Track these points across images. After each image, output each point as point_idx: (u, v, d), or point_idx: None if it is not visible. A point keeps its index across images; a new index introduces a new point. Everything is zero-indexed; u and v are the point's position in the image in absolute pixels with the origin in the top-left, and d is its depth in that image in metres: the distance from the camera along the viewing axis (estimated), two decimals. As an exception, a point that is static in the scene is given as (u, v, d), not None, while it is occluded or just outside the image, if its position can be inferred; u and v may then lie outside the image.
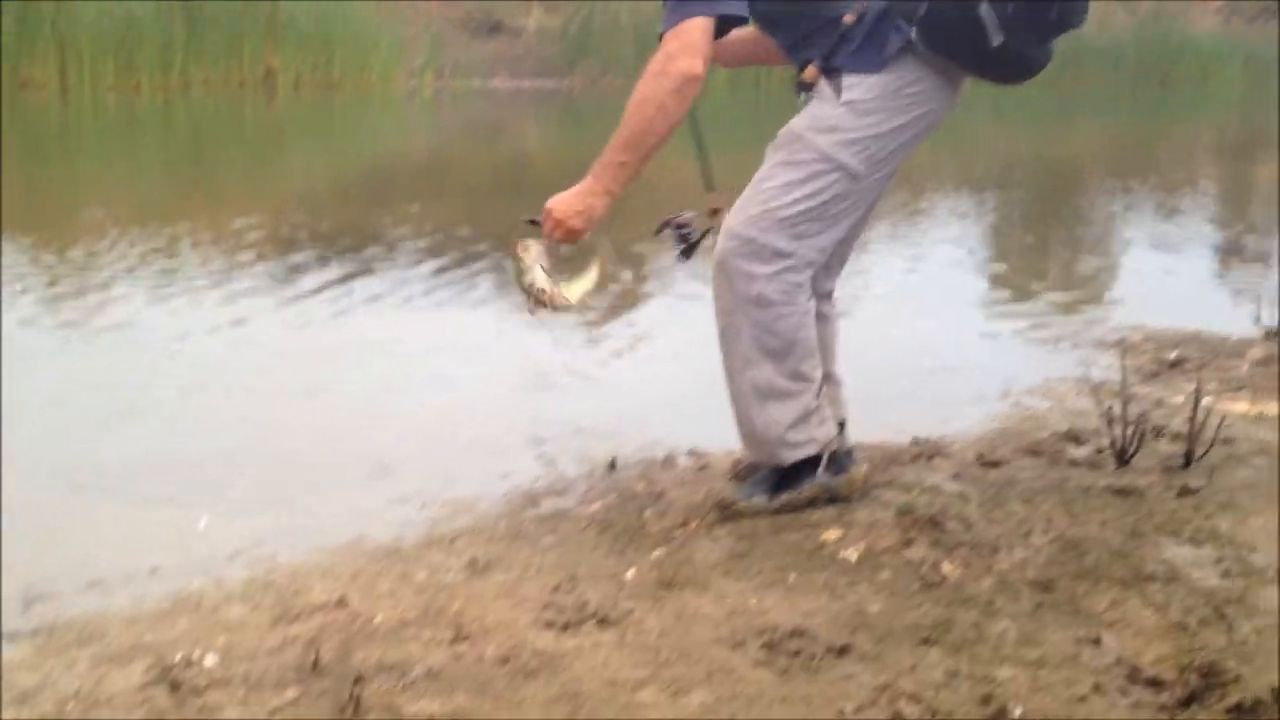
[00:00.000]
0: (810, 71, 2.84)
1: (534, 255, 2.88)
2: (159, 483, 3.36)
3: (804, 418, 2.94)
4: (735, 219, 2.85)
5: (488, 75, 21.90)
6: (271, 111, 16.65)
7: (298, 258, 6.55)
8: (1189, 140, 17.77)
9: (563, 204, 2.75)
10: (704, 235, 3.00)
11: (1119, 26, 28.18)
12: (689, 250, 3.01)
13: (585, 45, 21.90)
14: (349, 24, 19.11)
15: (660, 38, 2.69)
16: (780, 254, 2.82)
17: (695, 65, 2.64)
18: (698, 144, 3.10)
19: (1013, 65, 2.85)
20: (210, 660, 2.28)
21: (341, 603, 2.54)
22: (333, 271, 6.22)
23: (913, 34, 2.76)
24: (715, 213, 2.97)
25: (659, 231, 3.04)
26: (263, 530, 2.99)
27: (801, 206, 2.81)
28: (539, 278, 2.87)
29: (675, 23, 2.65)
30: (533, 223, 2.87)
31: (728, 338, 2.92)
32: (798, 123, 2.85)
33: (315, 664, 2.24)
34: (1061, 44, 2.93)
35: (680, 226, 3.00)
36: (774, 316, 2.85)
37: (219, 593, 2.65)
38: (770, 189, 2.82)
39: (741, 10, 2.73)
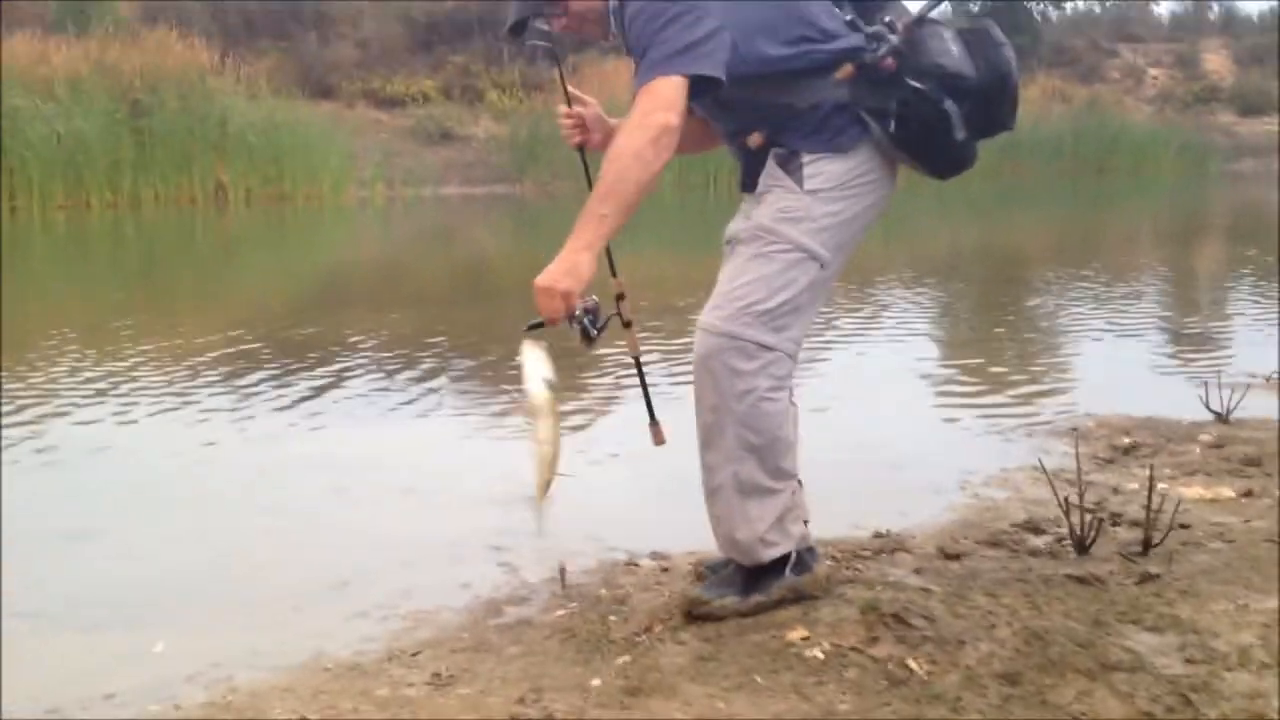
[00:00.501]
0: (756, 138, 2.88)
1: (536, 358, 2.82)
2: (116, 606, 3.31)
3: (782, 516, 2.95)
4: (714, 316, 2.83)
5: (439, 182, 22.12)
6: (223, 225, 16.70)
7: (254, 373, 6.53)
8: (1128, 227, 18.13)
9: (547, 275, 2.67)
10: (608, 321, 2.90)
11: (1056, 117, 28.92)
12: (593, 339, 2.90)
13: (534, 151, 22.19)
14: (298, 137, 19.31)
15: (636, 89, 2.68)
16: (765, 348, 2.82)
17: (670, 118, 2.63)
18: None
19: (960, 160, 2.93)
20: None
21: (303, 723, 2.49)
22: (289, 386, 6.20)
23: (876, 125, 2.82)
24: (620, 298, 2.95)
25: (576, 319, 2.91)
26: (220, 651, 2.94)
27: (781, 298, 2.82)
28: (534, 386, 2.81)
29: (650, 79, 2.65)
30: (533, 327, 2.78)
31: (712, 435, 2.90)
32: (763, 216, 2.86)
33: (278, 789, 2.19)
34: (1002, 136, 3.00)
35: (586, 313, 2.88)
36: (759, 413, 2.85)
37: (177, 717, 2.59)
38: (748, 284, 2.83)
39: (718, 73, 2.70)
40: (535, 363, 2.81)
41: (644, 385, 3.08)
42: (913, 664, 2.69)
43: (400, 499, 4.32)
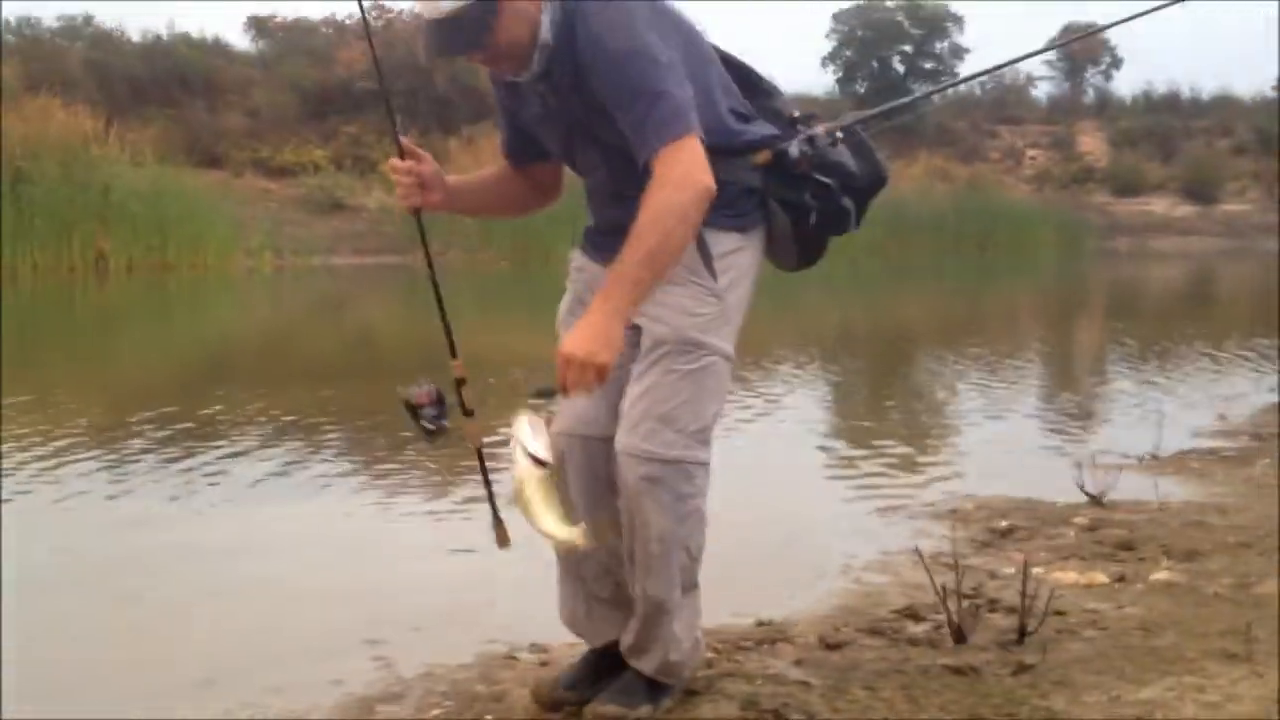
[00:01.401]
0: None
1: (529, 432, 2.53)
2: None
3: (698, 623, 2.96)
4: (653, 443, 2.66)
5: (329, 252, 21.92)
6: (103, 296, 16.34)
7: (126, 455, 6.34)
8: (1009, 305, 18.58)
9: (582, 343, 2.47)
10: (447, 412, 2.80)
11: (939, 195, 29.66)
12: (436, 434, 2.81)
13: (430, 219, 22.11)
14: (184, 205, 19.03)
15: (647, 163, 2.52)
16: (703, 464, 2.77)
17: (710, 180, 2.51)
18: (440, 306, 2.94)
19: (821, 255, 2.99)
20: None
21: (158, 837, 2.38)
22: (162, 469, 6.03)
23: (784, 215, 2.82)
24: (461, 382, 2.79)
25: (413, 411, 2.81)
26: (74, 758, 2.81)
27: (712, 411, 2.76)
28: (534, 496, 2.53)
29: (669, 139, 2.50)
30: (541, 395, 2.58)
31: (656, 564, 2.74)
32: (685, 324, 2.70)
33: None
34: (888, 212, 3.08)
35: (429, 404, 2.78)
36: (699, 527, 2.80)
37: (21, 833, 2.47)
38: (684, 404, 2.69)
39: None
40: (530, 434, 2.53)
41: (487, 482, 2.92)
42: (790, 762, 2.67)
43: (272, 589, 4.20)
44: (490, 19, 2.52)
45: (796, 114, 2.92)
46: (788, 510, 5.33)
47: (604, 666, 2.97)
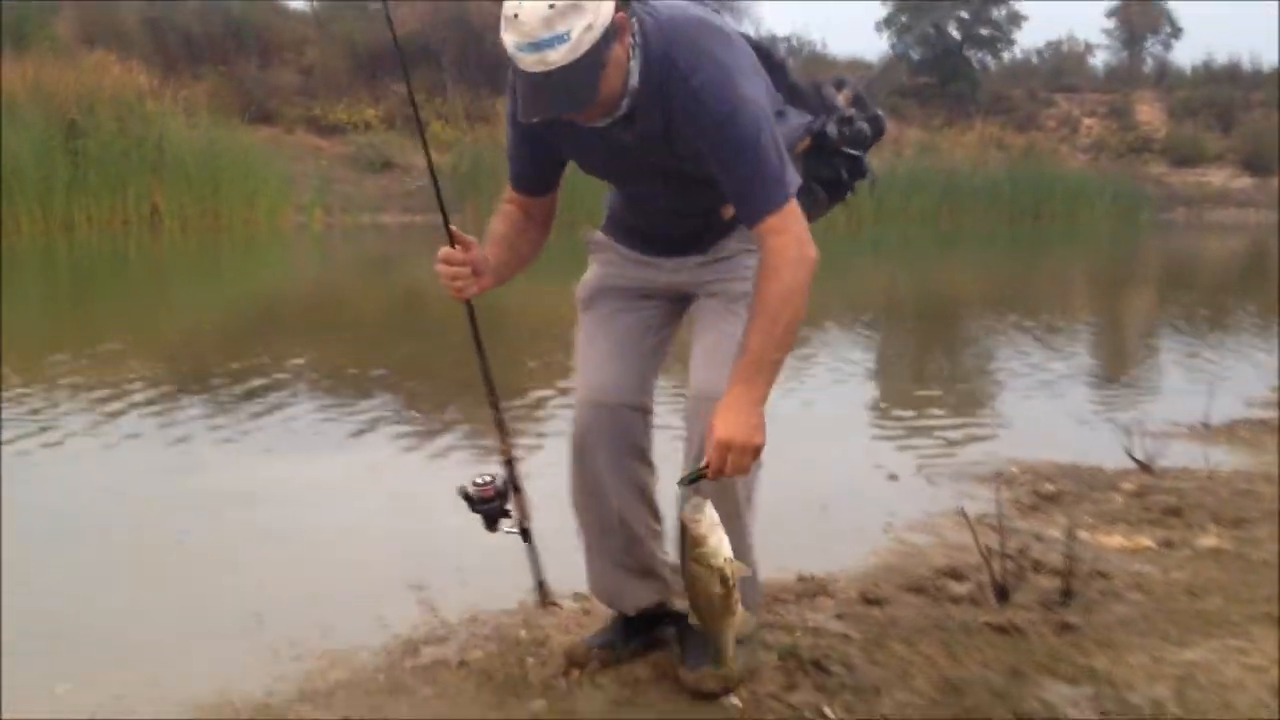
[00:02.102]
0: (729, 210, 2.76)
1: (711, 522, 2.44)
2: (18, 641, 3.21)
3: None
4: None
5: (378, 210, 22.00)
6: (157, 250, 16.48)
7: (182, 403, 6.42)
8: (1062, 274, 18.39)
9: (739, 429, 2.45)
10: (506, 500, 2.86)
11: (994, 164, 29.33)
12: (494, 524, 2.89)
13: (476, 181, 22.14)
14: (236, 161, 19.12)
15: (761, 218, 2.53)
16: None
17: (815, 250, 2.56)
18: (488, 382, 2.93)
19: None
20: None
21: (206, 765, 2.43)
22: (217, 417, 6.11)
23: (823, 191, 2.91)
24: (510, 463, 2.84)
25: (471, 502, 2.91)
26: (126, 686, 2.87)
27: None
28: (725, 550, 2.44)
29: (775, 207, 2.53)
30: (696, 478, 2.53)
31: (750, 505, 2.82)
32: (743, 283, 2.74)
33: (175, 834, 2.14)
34: (941, 179, 3.08)
35: (491, 499, 2.86)
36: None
37: (75, 757, 2.53)
38: None
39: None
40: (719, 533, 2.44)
41: (533, 555, 3.07)
42: (829, 712, 2.69)
43: (319, 533, 4.26)
44: (598, 72, 2.41)
45: (815, 83, 2.95)
46: (832, 468, 5.32)
47: (635, 628, 3.00)
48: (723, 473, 2.48)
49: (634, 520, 2.88)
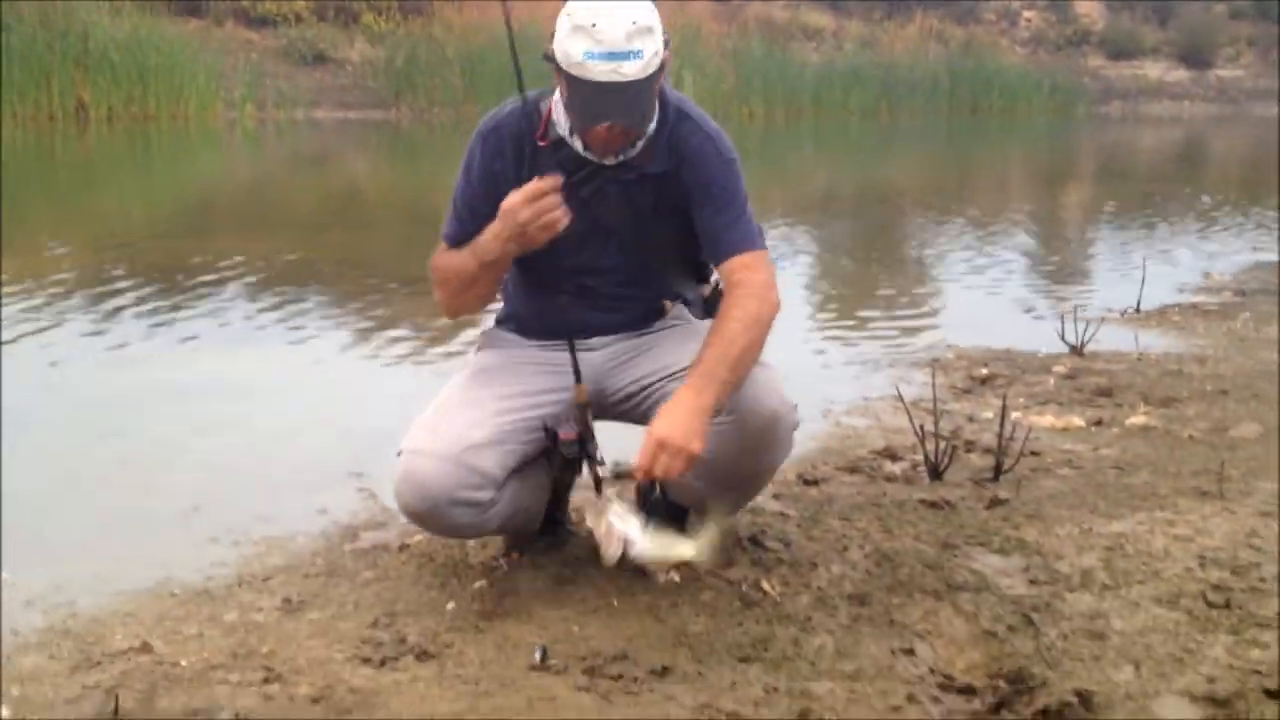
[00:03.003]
0: (668, 304, 2.87)
1: (621, 510, 2.54)
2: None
3: None
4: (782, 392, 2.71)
5: (311, 105, 21.56)
6: (84, 145, 16.10)
7: (111, 296, 6.31)
8: (999, 167, 18.46)
9: (680, 431, 2.44)
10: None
11: (933, 58, 29.23)
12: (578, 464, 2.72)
13: (410, 77, 21.76)
14: (164, 55, 18.61)
15: (740, 251, 2.63)
16: None
17: (779, 300, 2.65)
18: (570, 346, 2.74)
19: None
20: (4, 713, 2.16)
21: (144, 648, 2.43)
22: (148, 310, 6.02)
23: None
24: (585, 406, 2.71)
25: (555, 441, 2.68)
26: (62, 577, 2.85)
27: None
28: (634, 529, 2.51)
29: (759, 247, 2.67)
30: (620, 476, 2.61)
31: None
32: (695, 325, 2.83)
33: (115, 711, 2.15)
34: (880, 74, 3.03)
35: (574, 440, 2.67)
36: None
37: (12, 643, 2.51)
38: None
39: None
40: (626, 521, 2.52)
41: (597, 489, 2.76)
42: (766, 586, 2.73)
43: (258, 425, 4.23)
44: (653, 95, 2.54)
45: None
46: (770, 357, 5.33)
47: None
48: (651, 473, 2.48)
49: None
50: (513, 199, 2.52)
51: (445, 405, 2.71)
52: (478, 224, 2.63)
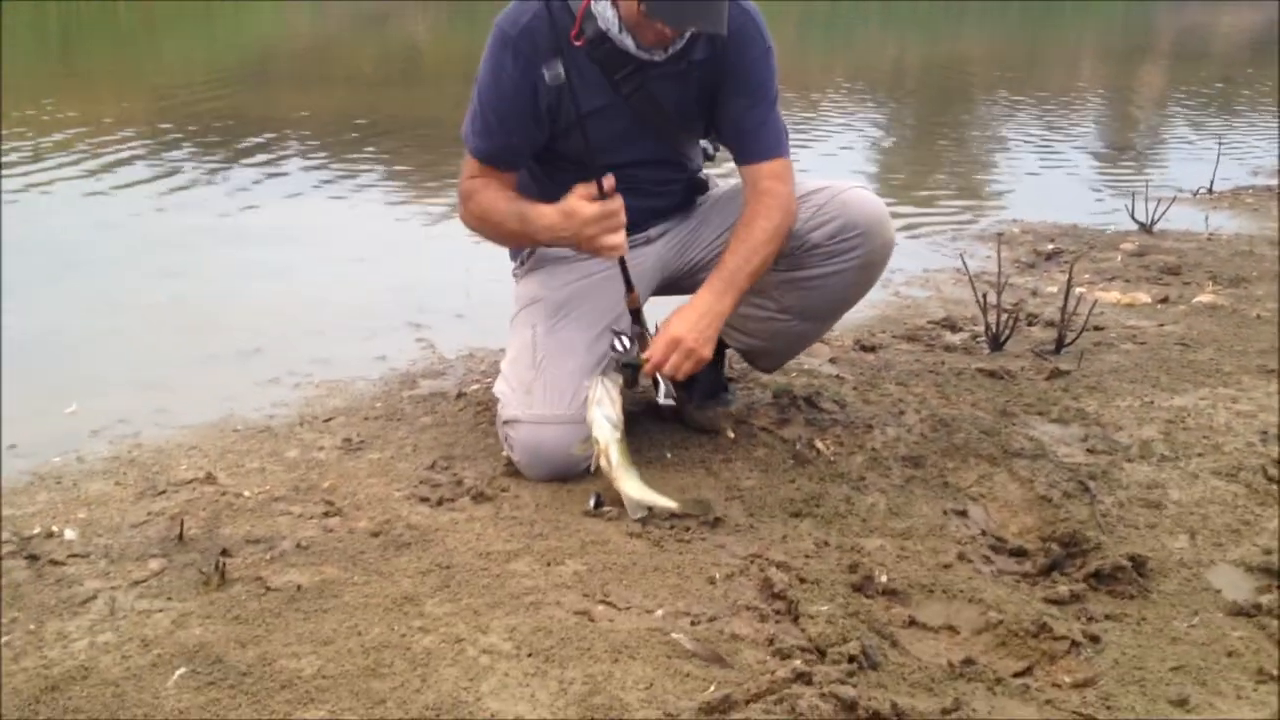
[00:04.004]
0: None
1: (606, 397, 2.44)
2: (18, 362, 3.25)
3: None
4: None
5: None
6: (146, 5, 16.03)
7: (170, 146, 6.34)
8: (1073, 46, 17.97)
9: (693, 332, 2.47)
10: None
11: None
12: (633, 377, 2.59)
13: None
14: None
15: (768, 158, 2.59)
16: None
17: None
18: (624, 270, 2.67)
19: None
20: (70, 534, 2.22)
21: (209, 478, 2.48)
22: (205, 158, 6.04)
23: None
24: (636, 313, 2.66)
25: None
26: (126, 409, 2.91)
27: None
28: (606, 430, 2.41)
29: (785, 154, 2.64)
30: (626, 367, 2.51)
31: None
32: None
33: (180, 537, 2.19)
34: None
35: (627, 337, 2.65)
36: None
37: (80, 469, 2.57)
38: None
39: None
40: (608, 400, 2.44)
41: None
42: (820, 445, 2.72)
43: (318, 274, 4.26)
44: None
45: None
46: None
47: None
48: (661, 367, 2.48)
49: None
50: (585, 212, 2.45)
51: (535, 358, 2.62)
52: (509, 138, 2.58)
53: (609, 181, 2.46)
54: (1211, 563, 2.29)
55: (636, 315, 2.63)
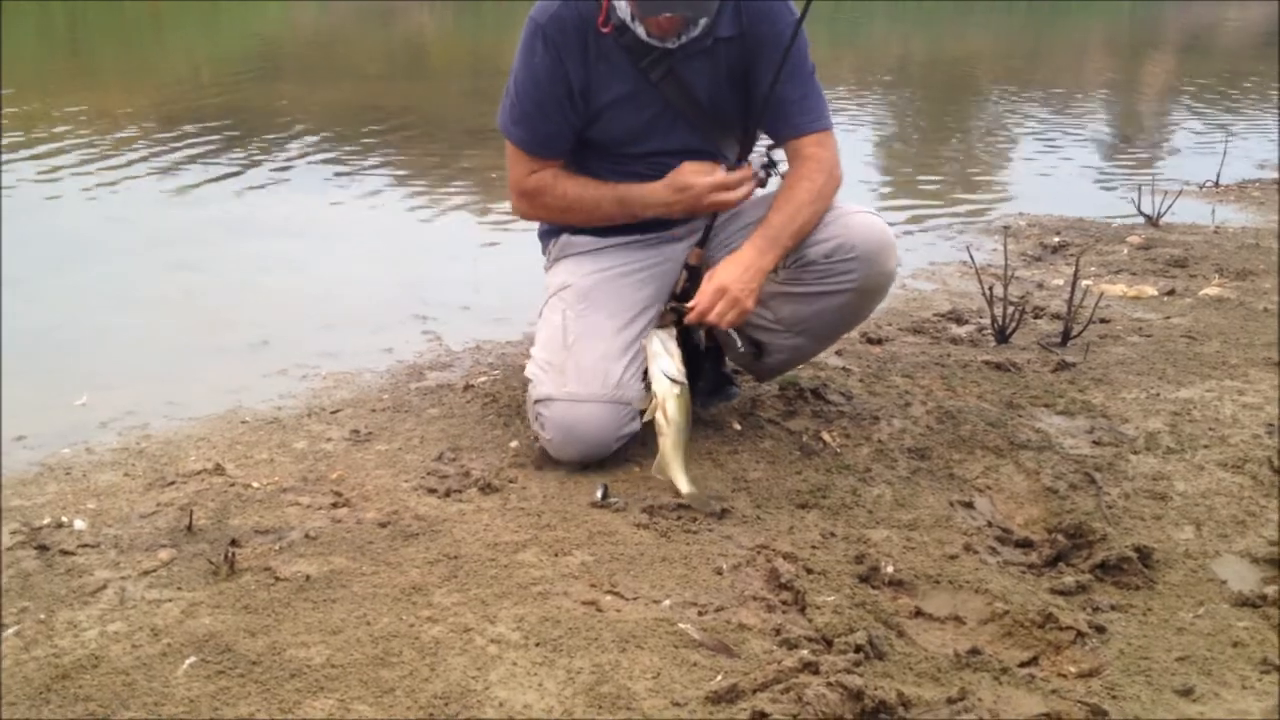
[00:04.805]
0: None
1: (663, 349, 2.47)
2: (27, 354, 3.27)
3: None
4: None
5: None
6: (153, 4, 16.05)
7: (177, 139, 6.35)
8: (1079, 40, 17.94)
9: (738, 282, 2.50)
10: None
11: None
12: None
13: None
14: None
15: (810, 130, 2.62)
16: None
17: (843, 175, 2.67)
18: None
19: None
20: (80, 524, 2.23)
21: (217, 469, 2.49)
22: (212, 153, 6.05)
23: None
24: (692, 269, 2.69)
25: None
26: (135, 401, 2.92)
27: None
28: (665, 385, 2.42)
29: (827, 126, 2.67)
30: (673, 311, 2.57)
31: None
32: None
33: (189, 528, 2.20)
34: None
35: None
36: None
37: (89, 460, 2.59)
38: None
39: None
40: (665, 352, 2.46)
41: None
42: (827, 437, 2.73)
43: (322, 267, 4.27)
44: None
45: None
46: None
47: None
48: (706, 314, 2.50)
49: None
50: (701, 182, 2.57)
51: (566, 340, 2.63)
52: (552, 126, 2.60)
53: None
54: (1217, 554, 2.30)
55: (695, 273, 2.66)
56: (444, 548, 2.16)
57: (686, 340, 2.62)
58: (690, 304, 2.54)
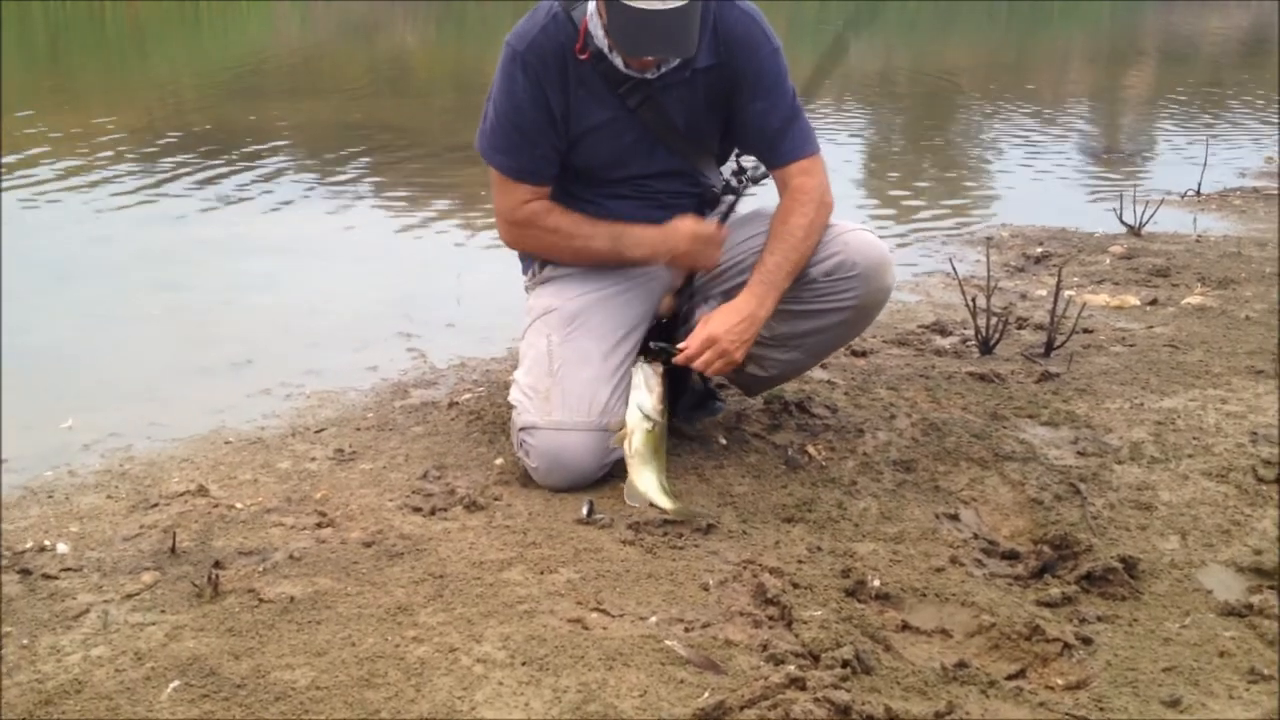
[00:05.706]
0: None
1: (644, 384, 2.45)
2: (8, 375, 3.25)
3: None
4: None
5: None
6: (132, 11, 16.02)
7: (160, 157, 6.34)
8: (1060, 50, 18.03)
9: (731, 334, 2.51)
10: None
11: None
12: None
13: None
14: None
15: (796, 158, 2.63)
16: None
17: (833, 200, 2.67)
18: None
19: None
20: (63, 547, 2.22)
21: (200, 491, 2.48)
22: (196, 170, 6.04)
23: None
24: (689, 281, 2.75)
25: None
26: (117, 422, 2.91)
27: None
28: (636, 417, 2.42)
29: (814, 151, 2.66)
30: (659, 353, 2.55)
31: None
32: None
33: (173, 549, 2.19)
34: None
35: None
36: None
37: (71, 483, 2.57)
38: None
39: None
40: (644, 388, 2.44)
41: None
42: (812, 450, 2.73)
43: (306, 284, 4.26)
44: (697, 22, 2.41)
45: None
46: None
47: None
48: (692, 360, 2.51)
49: None
50: (690, 229, 2.63)
51: (553, 365, 2.61)
52: (538, 151, 2.59)
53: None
54: (1202, 563, 2.30)
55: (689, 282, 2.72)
56: (429, 567, 2.15)
57: (670, 372, 2.60)
58: (680, 346, 2.54)
